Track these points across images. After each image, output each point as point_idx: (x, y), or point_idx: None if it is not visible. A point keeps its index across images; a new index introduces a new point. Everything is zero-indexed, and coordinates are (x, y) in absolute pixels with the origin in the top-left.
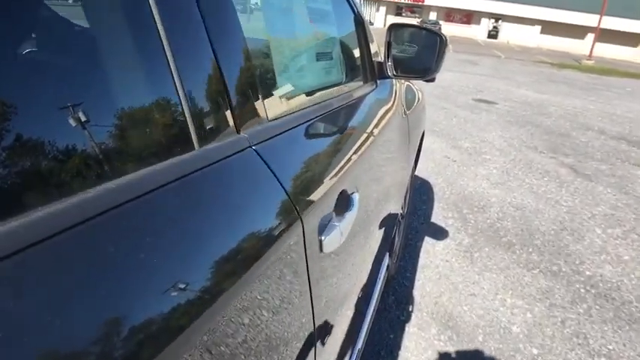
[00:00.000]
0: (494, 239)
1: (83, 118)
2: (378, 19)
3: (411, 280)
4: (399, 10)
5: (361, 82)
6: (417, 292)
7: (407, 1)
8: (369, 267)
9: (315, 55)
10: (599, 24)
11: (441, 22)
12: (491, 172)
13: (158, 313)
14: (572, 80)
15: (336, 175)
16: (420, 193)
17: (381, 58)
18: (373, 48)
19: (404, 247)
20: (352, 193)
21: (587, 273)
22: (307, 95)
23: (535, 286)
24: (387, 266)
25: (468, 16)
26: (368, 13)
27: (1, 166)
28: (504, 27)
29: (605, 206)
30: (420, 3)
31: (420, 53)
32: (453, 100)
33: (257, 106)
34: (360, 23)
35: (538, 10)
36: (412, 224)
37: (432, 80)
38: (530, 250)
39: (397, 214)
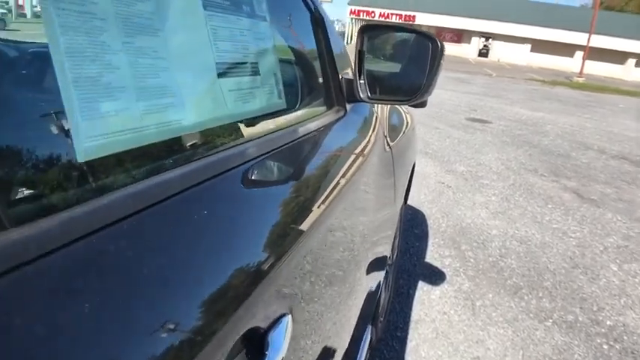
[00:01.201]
0: (498, 282)
1: None
2: None
3: (402, 342)
4: None
5: (322, 108)
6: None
7: (398, 20)
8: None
9: (223, 73)
10: (588, 42)
11: None
12: (490, 200)
13: None
14: (565, 97)
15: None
16: (413, 226)
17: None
18: (341, 62)
19: (393, 298)
20: (281, 317)
21: (608, 323)
22: (203, 137)
23: (550, 344)
24: (370, 340)
25: (459, 35)
26: (353, 33)
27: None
28: (495, 45)
29: (616, 237)
30: (411, 22)
31: (406, 66)
32: (446, 120)
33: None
34: (318, 25)
35: (528, 29)
36: (404, 266)
37: (422, 105)
38: (540, 294)
39: (381, 272)
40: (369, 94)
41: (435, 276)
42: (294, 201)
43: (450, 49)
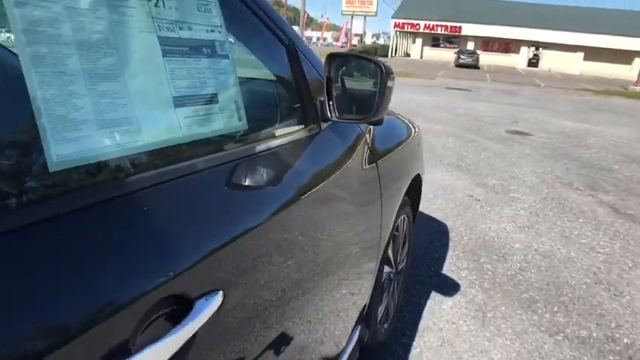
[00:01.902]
0: (512, 295)
1: None
2: (415, 51)
3: (407, 348)
4: (435, 42)
5: (295, 127)
6: None
7: (443, 31)
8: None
9: (180, 104)
10: None
11: (478, 51)
12: (518, 213)
13: None
14: (617, 108)
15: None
16: (433, 239)
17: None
18: (312, 76)
19: (402, 307)
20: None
21: (625, 340)
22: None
23: (557, 357)
24: (363, 339)
25: (507, 45)
26: (404, 45)
27: None
28: (545, 55)
29: None
30: (457, 33)
31: (363, 89)
32: (484, 133)
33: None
34: (293, 57)
35: (580, 37)
36: (419, 277)
37: (378, 123)
38: (556, 309)
39: (365, 279)
40: (337, 114)
41: (450, 287)
42: (258, 204)
43: (498, 59)
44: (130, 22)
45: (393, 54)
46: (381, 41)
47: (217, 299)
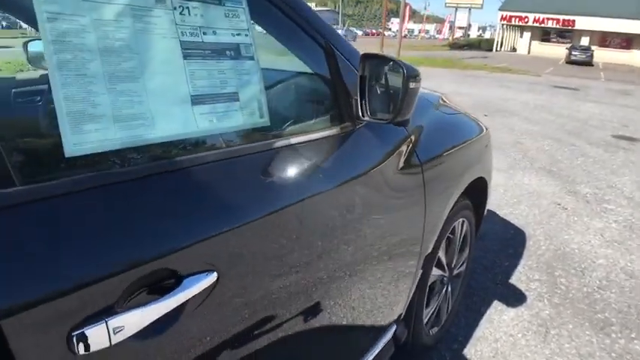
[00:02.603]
0: (585, 314)
1: None
2: (522, 46)
3: (456, 355)
4: (545, 36)
5: (327, 125)
6: None
7: (555, 25)
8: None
9: (197, 102)
10: None
11: (594, 47)
12: (609, 226)
13: None
14: None
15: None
16: (508, 246)
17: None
18: (348, 75)
19: (460, 312)
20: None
21: None
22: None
23: None
24: (399, 338)
25: (628, 41)
26: (511, 39)
27: None
28: None
29: None
30: (569, 27)
31: (395, 90)
32: (586, 137)
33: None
34: (330, 56)
35: None
36: (483, 284)
37: (404, 124)
38: (634, 335)
39: (403, 281)
40: (369, 114)
41: (515, 298)
42: (287, 199)
43: (616, 56)
44: (153, 30)
45: (498, 48)
46: (487, 34)
47: (209, 279)
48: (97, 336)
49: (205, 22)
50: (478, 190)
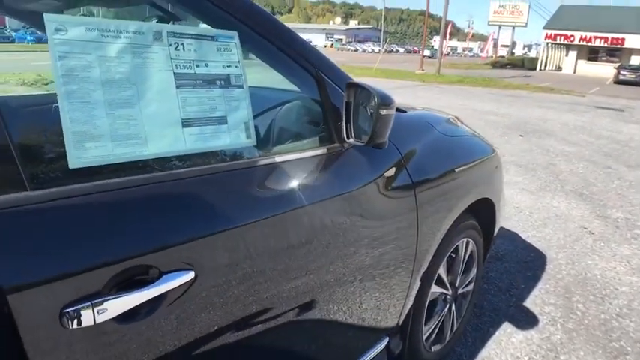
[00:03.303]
0: (599, 342)
1: None
2: (567, 65)
3: None
4: (592, 55)
5: (315, 146)
6: None
7: (602, 44)
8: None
9: (187, 125)
10: None
11: None
12: (637, 254)
13: None
14: None
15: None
16: (527, 268)
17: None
18: (337, 100)
19: (466, 331)
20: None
21: None
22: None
23: None
24: (390, 350)
25: None
26: (556, 57)
27: None
28: None
29: None
30: (618, 46)
31: (370, 116)
32: (624, 159)
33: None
34: (320, 84)
35: None
36: (496, 304)
37: (380, 146)
38: None
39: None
40: (354, 137)
41: (526, 321)
42: (267, 211)
43: None
44: (150, 64)
45: (542, 67)
46: (533, 53)
47: (186, 277)
48: (84, 315)
49: (198, 56)
50: (486, 211)
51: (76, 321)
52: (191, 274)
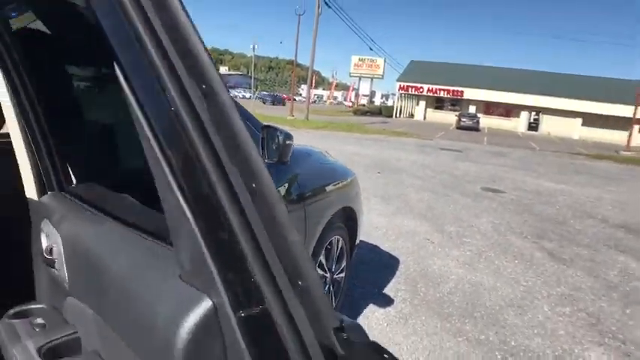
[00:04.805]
0: (435, 310)
1: None
2: (419, 112)
3: None
4: (439, 104)
5: None
6: None
7: (446, 95)
8: None
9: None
10: (634, 114)
11: (480, 115)
12: (464, 254)
13: None
14: (599, 171)
15: None
16: (386, 268)
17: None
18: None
19: (341, 310)
20: None
21: (512, 343)
22: None
23: (453, 350)
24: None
25: (508, 110)
26: (409, 106)
27: None
28: (545, 119)
29: (565, 287)
30: (459, 97)
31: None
32: (460, 189)
33: None
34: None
35: (578, 103)
36: (364, 294)
37: (284, 164)
38: (466, 320)
39: None
40: (268, 158)
41: (386, 302)
42: None
43: (500, 123)
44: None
45: (398, 115)
46: (390, 102)
47: None
48: None
49: None
50: (351, 219)
51: None
52: None
